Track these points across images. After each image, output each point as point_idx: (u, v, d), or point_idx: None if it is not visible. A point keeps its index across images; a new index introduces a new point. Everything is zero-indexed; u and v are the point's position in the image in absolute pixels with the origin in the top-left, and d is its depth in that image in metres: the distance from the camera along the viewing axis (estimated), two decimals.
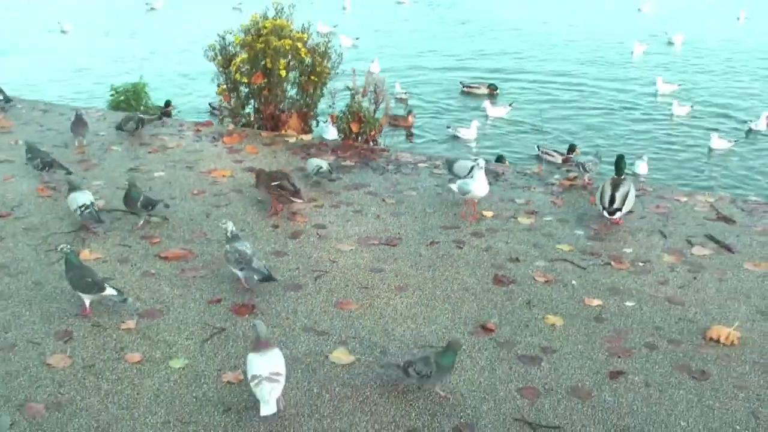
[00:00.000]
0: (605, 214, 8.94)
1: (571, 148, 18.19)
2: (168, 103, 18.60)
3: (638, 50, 31.20)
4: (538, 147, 18.81)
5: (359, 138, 11.93)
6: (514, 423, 5.54)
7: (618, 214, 8.95)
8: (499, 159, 16.85)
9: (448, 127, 21.42)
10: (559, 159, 17.84)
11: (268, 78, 11.98)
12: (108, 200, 9.01)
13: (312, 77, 12.23)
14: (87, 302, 6.61)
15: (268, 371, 5.43)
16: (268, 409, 5.42)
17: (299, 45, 11.87)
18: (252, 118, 12.75)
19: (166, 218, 8.56)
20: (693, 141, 21.35)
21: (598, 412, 5.69)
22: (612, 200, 8.93)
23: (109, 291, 6.56)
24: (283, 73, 11.86)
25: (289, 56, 11.97)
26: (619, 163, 9.26)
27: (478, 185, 8.92)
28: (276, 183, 8.88)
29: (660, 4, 43.12)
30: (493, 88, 24.87)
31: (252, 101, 12.66)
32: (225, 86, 12.61)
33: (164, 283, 7.19)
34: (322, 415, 5.49)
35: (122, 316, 6.60)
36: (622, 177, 9.16)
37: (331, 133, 12.84)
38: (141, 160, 10.39)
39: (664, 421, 5.62)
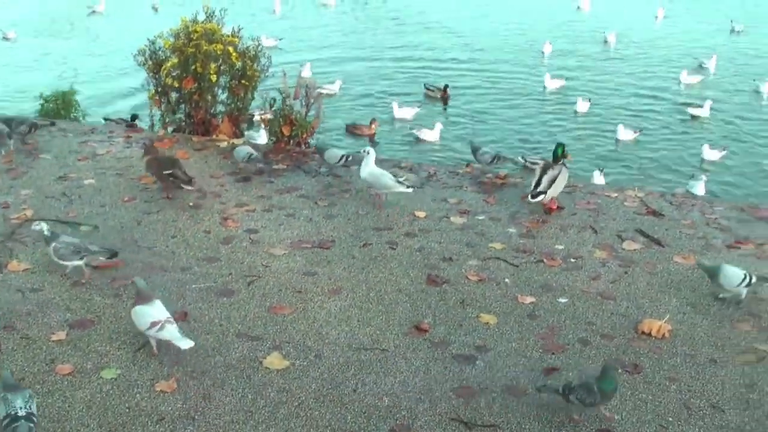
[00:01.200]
0: (529, 197, 9.12)
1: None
2: (134, 117, 18.43)
3: (548, 49, 31.78)
4: (522, 157, 18.65)
5: (291, 141, 11.87)
6: (450, 423, 5.55)
7: (541, 197, 9.09)
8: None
9: (411, 129, 21.62)
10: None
11: (199, 82, 11.89)
12: (36, 210, 8.86)
13: (243, 81, 12.16)
14: None
15: (164, 316, 5.98)
16: (186, 342, 5.95)
17: (230, 49, 11.80)
18: (183, 123, 12.64)
19: (96, 226, 8.46)
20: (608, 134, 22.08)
21: (533, 409, 5.73)
22: (538, 183, 9.08)
23: None
24: (213, 77, 11.77)
25: (220, 60, 11.88)
26: (556, 150, 9.53)
27: (363, 170, 9.21)
28: (168, 172, 9.13)
29: (597, 2, 43.84)
30: (444, 90, 25.02)
31: (183, 106, 12.55)
32: (156, 91, 12.49)
33: (95, 293, 7.09)
34: (257, 422, 5.46)
35: (52, 327, 6.50)
36: (561, 163, 9.33)
37: (261, 137, 12.78)
38: (70, 168, 10.25)
39: (597, 415, 5.67)
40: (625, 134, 21.51)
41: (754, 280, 7.21)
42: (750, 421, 5.72)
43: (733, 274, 7.18)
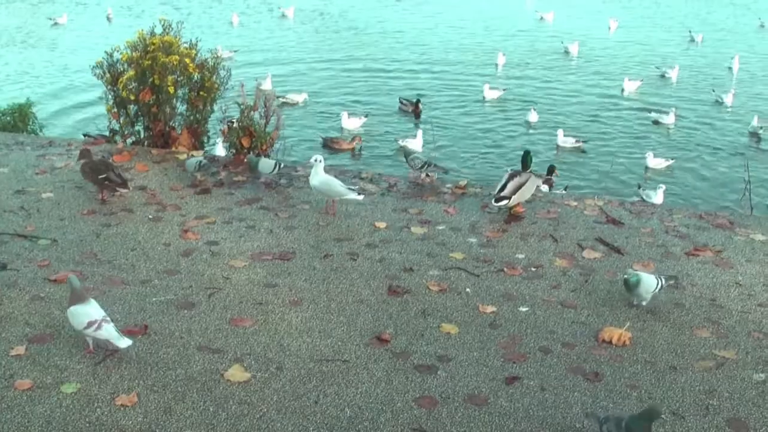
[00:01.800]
0: (492, 201, 9.27)
1: (551, 170, 18.30)
2: (114, 132, 18.36)
3: (502, 61, 32.08)
4: (509, 169, 18.84)
5: (251, 153, 11.84)
6: None
7: (503, 203, 9.21)
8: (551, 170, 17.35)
9: (396, 140, 21.77)
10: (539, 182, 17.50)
11: (157, 95, 11.83)
12: None
13: (201, 93, 12.12)
14: None
15: (100, 316, 6.09)
16: (124, 342, 6.12)
17: (187, 60, 11.75)
18: (142, 136, 12.57)
19: (55, 240, 8.39)
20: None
21: (495, 418, 5.74)
22: (502, 188, 9.18)
23: None
24: (171, 89, 11.72)
25: (177, 72, 11.84)
26: (525, 158, 9.72)
27: (314, 178, 9.26)
28: (103, 176, 9.37)
29: (559, 12, 44.37)
30: (416, 104, 25.14)
31: (141, 119, 12.47)
32: (113, 104, 12.41)
33: (54, 307, 7.00)
34: None
35: (11, 342, 6.43)
36: (528, 170, 9.53)
37: (219, 150, 12.73)
38: (28, 182, 10.15)
39: (560, 423, 5.70)
40: (564, 140, 21.93)
41: (663, 283, 7.35)
42: (710, 427, 5.76)
43: (650, 282, 7.28)
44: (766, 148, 23.42)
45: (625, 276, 7.33)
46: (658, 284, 7.28)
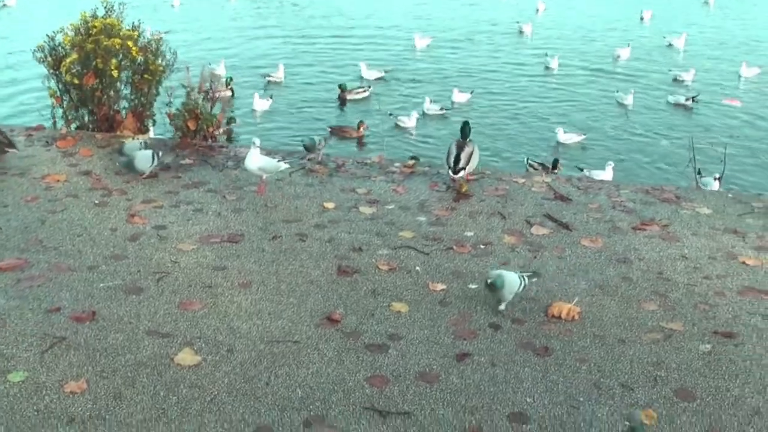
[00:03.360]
0: (450, 173, 9.52)
1: (555, 164, 18.79)
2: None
3: (420, 43, 32.26)
4: (527, 159, 19.69)
5: (197, 135, 11.75)
6: (364, 412, 5.55)
7: (462, 173, 9.50)
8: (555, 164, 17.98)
9: (390, 114, 22.43)
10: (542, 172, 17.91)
11: (101, 78, 11.70)
12: None
13: (145, 76, 12.00)
14: None
15: None
16: None
17: (130, 43, 11.62)
18: (86, 120, 12.42)
19: (0, 228, 8.28)
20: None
21: (447, 395, 5.76)
22: (457, 160, 9.46)
23: None
24: (115, 73, 11.59)
25: (120, 55, 11.71)
26: (464, 128, 9.93)
27: (254, 161, 9.31)
28: None
29: None
30: (341, 90, 25.26)
31: (85, 103, 12.32)
32: (56, 89, 12.25)
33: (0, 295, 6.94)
34: (170, 419, 5.39)
35: None
36: (468, 140, 9.74)
37: (150, 134, 12.65)
38: None
39: (510, 398, 5.73)
40: (429, 108, 23.59)
41: (525, 282, 7.06)
42: (658, 398, 5.83)
43: (514, 282, 6.93)
44: (696, 117, 24.06)
45: (488, 279, 6.95)
46: (521, 284, 6.99)
